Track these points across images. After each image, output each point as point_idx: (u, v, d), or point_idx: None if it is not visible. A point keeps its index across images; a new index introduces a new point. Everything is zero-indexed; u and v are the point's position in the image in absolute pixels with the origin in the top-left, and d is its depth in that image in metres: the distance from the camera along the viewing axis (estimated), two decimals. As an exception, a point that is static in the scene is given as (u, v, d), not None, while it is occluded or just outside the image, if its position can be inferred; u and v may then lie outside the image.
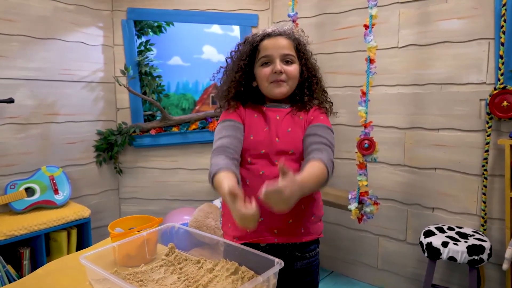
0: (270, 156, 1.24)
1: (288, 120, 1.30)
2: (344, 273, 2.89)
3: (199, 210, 2.71)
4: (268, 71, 1.26)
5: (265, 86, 1.29)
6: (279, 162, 0.95)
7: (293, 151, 1.25)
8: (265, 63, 1.28)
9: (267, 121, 1.29)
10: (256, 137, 1.27)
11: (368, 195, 2.22)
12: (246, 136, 1.27)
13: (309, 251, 1.32)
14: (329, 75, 2.77)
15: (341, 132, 2.72)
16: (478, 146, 2.20)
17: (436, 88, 2.33)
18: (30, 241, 2.36)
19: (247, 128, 1.29)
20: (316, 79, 1.35)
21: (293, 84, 1.30)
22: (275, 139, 1.25)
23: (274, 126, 1.28)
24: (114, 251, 1.13)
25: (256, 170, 1.24)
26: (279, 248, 1.26)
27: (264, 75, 1.27)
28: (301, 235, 1.28)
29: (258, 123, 1.29)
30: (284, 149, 1.25)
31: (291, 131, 1.27)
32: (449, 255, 1.94)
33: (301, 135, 1.28)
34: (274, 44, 1.27)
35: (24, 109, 2.55)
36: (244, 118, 1.30)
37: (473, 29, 2.18)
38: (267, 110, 1.31)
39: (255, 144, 1.25)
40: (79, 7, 2.81)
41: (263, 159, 1.24)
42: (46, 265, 1.36)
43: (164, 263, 1.16)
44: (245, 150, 1.26)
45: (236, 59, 1.33)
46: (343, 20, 2.72)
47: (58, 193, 2.57)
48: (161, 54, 3.11)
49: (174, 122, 3.07)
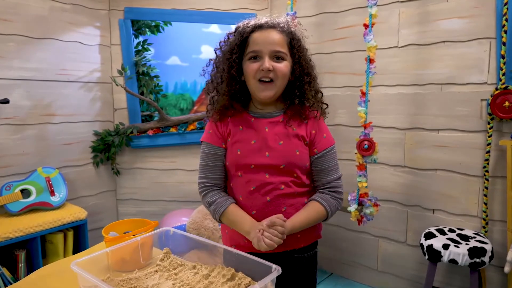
0: (260, 170, 1.20)
1: (280, 132, 1.23)
2: (343, 275, 2.86)
3: (197, 211, 2.68)
4: (255, 67, 1.18)
5: (251, 83, 1.21)
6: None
7: (284, 166, 1.21)
8: (253, 57, 1.19)
9: (254, 133, 1.23)
10: (244, 151, 1.22)
11: (368, 196, 2.20)
12: (233, 150, 1.23)
13: (307, 252, 1.30)
14: (328, 75, 2.74)
15: (340, 132, 2.70)
16: (479, 147, 2.17)
17: (437, 88, 2.30)
18: (25, 244, 2.33)
19: (233, 142, 1.23)
20: (309, 78, 1.25)
21: (282, 83, 1.21)
22: (264, 154, 1.20)
23: (262, 139, 1.22)
24: (107, 256, 1.11)
25: (247, 185, 1.22)
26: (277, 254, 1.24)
27: (251, 71, 1.18)
28: (299, 241, 1.27)
29: (244, 136, 1.23)
30: (275, 163, 1.20)
31: (283, 144, 1.21)
32: (450, 257, 1.91)
33: (295, 147, 1.22)
34: (265, 38, 1.18)
35: (20, 110, 2.53)
36: (227, 134, 1.25)
37: (474, 28, 2.15)
38: (255, 121, 1.24)
39: (243, 159, 1.21)
40: (76, 6, 2.78)
41: (253, 173, 1.21)
42: (39, 270, 1.33)
43: (159, 269, 1.13)
44: (233, 165, 1.23)
45: (226, 51, 1.24)
46: (342, 20, 2.69)
47: (55, 195, 2.54)
48: (159, 54, 3.08)
49: (172, 123, 3.04)
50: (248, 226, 1.17)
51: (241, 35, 1.20)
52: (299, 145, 1.23)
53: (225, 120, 1.26)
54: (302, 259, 1.29)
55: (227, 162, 1.25)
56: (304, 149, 1.24)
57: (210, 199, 1.25)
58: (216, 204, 1.23)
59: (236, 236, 1.25)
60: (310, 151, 1.25)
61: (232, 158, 1.23)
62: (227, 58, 1.22)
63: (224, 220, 1.24)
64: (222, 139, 1.25)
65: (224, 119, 1.26)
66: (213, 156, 1.26)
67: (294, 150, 1.22)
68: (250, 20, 1.23)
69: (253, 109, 1.29)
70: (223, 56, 1.24)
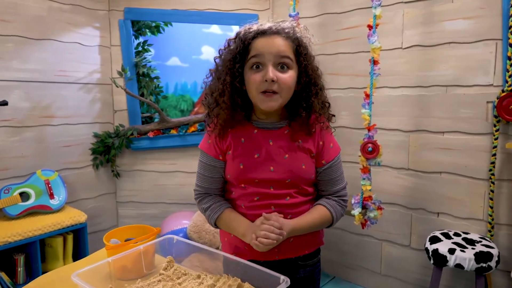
0: (265, 184, 1.16)
1: (284, 145, 1.16)
2: (346, 278, 2.83)
3: (198, 214, 2.65)
4: (258, 78, 1.08)
5: (254, 95, 1.11)
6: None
7: (290, 180, 1.15)
8: (256, 66, 1.09)
9: (258, 146, 1.16)
10: (247, 166, 1.15)
11: (372, 199, 2.17)
12: (234, 164, 1.17)
13: (311, 259, 1.28)
14: (331, 76, 2.71)
15: (343, 135, 2.66)
16: (485, 150, 2.14)
17: (442, 90, 2.27)
18: (24, 247, 2.30)
19: (234, 156, 1.17)
20: (316, 89, 1.16)
21: (287, 95, 1.12)
22: (269, 168, 1.15)
23: (266, 153, 1.15)
24: (109, 265, 1.07)
25: (251, 195, 1.18)
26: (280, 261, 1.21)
27: (254, 82, 1.09)
28: (304, 248, 1.24)
29: (247, 149, 1.16)
30: (280, 178, 1.15)
31: (288, 158, 1.15)
32: (456, 262, 1.88)
33: (301, 161, 1.16)
34: (269, 45, 1.08)
35: (19, 112, 2.49)
36: (226, 146, 1.18)
37: (480, 29, 2.12)
38: (259, 133, 1.17)
39: (247, 174, 1.16)
40: (75, 6, 2.75)
41: (257, 186, 1.16)
42: (38, 278, 1.31)
43: (162, 278, 1.10)
44: (236, 178, 1.18)
45: (226, 60, 1.13)
46: (346, 20, 2.66)
47: (54, 198, 2.51)
48: (159, 55, 3.05)
49: (173, 124, 3.01)
50: (244, 228, 1.14)
51: (243, 42, 1.10)
52: (305, 158, 1.17)
53: (225, 132, 1.19)
54: (306, 266, 1.26)
55: (228, 175, 1.20)
56: (311, 161, 1.18)
57: (205, 205, 1.24)
58: (211, 209, 1.21)
59: (236, 242, 1.22)
60: (318, 162, 1.20)
61: (234, 172, 1.18)
62: (229, 68, 1.12)
63: (220, 224, 1.22)
64: (220, 152, 1.19)
65: (224, 131, 1.19)
66: (210, 167, 1.22)
67: (300, 164, 1.16)
68: (252, 25, 1.13)
69: (255, 119, 1.20)
70: (223, 65, 1.14)
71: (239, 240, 1.19)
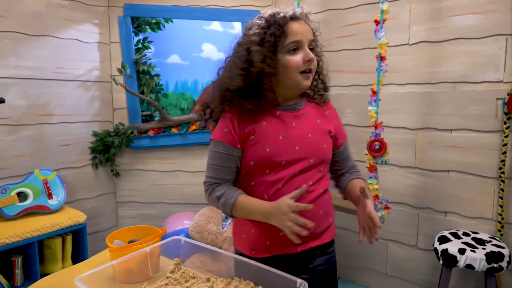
0: (291, 166, 1.15)
1: (306, 125, 1.20)
2: (351, 279, 2.79)
3: (200, 214, 2.61)
4: (300, 59, 1.12)
5: (293, 76, 1.14)
6: None
7: (314, 159, 1.18)
8: (293, 49, 1.13)
9: (281, 127, 1.17)
10: (273, 147, 1.14)
11: (379, 199, 2.13)
12: (258, 148, 1.14)
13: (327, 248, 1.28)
14: (335, 73, 2.65)
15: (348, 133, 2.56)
16: (494, 148, 2.10)
17: (450, 86, 2.23)
18: (22, 249, 2.24)
19: (257, 140, 1.15)
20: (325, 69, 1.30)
21: (314, 74, 1.21)
22: (294, 148, 1.15)
23: (291, 133, 1.17)
24: (114, 268, 1.02)
25: (274, 184, 1.15)
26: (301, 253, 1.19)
27: (296, 64, 1.12)
28: (322, 237, 1.24)
29: (271, 132, 1.16)
30: (306, 157, 1.17)
31: (311, 137, 1.18)
32: (467, 262, 1.84)
33: (322, 140, 1.21)
34: (303, 29, 1.15)
35: (16, 110, 2.43)
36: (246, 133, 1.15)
37: (489, 24, 2.07)
38: (281, 115, 1.18)
39: (274, 156, 1.14)
40: (74, 2, 2.69)
41: (282, 171, 1.14)
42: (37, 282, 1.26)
43: (169, 281, 1.05)
44: (262, 163, 1.15)
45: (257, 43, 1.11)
46: (350, 17, 2.62)
47: (52, 198, 2.45)
48: (159, 52, 2.99)
49: (173, 123, 2.96)
50: (268, 210, 1.07)
51: (279, 26, 1.11)
52: (326, 138, 1.24)
53: (243, 118, 1.16)
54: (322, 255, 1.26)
55: (251, 162, 1.16)
56: (330, 141, 1.25)
57: (219, 192, 1.16)
58: (225, 195, 1.14)
59: (256, 239, 1.18)
60: (337, 142, 1.29)
61: (259, 156, 1.14)
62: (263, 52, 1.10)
63: (236, 211, 1.14)
64: (238, 140, 1.16)
65: (242, 117, 1.16)
66: (227, 156, 1.17)
67: (322, 143, 1.21)
68: (278, 11, 1.16)
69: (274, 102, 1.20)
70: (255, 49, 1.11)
71: (260, 236, 1.16)
